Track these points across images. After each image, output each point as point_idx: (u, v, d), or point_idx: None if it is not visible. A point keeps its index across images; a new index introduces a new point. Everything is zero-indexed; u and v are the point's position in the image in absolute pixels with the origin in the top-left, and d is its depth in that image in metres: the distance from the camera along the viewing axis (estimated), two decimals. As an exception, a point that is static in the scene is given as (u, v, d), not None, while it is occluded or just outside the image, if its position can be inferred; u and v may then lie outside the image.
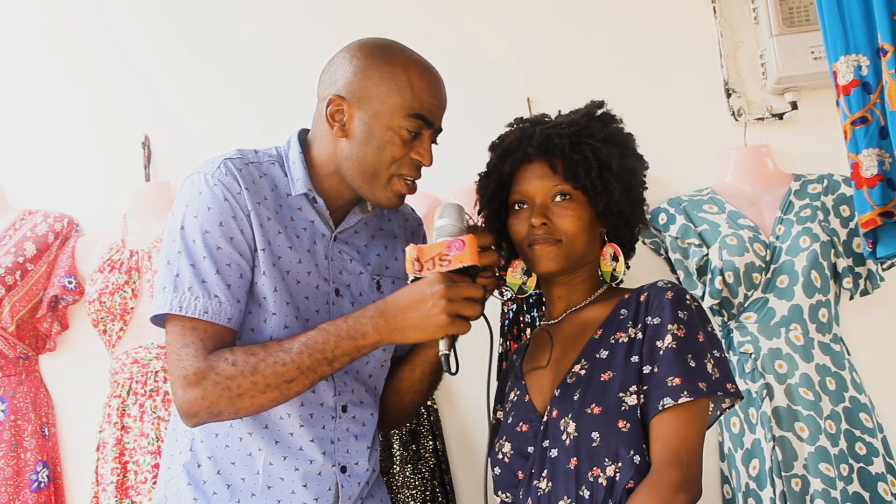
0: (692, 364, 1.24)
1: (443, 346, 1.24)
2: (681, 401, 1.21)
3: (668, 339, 1.26)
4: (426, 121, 1.30)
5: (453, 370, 1.24)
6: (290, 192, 1.34)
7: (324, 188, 1.36)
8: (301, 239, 1.33)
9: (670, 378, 1.23)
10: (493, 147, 1.49)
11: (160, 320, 1.29)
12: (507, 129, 1.50)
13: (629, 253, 1.47)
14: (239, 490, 1.29)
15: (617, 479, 1.22)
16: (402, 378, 1.46)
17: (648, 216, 1.51)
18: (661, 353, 1.26)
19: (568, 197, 1.37)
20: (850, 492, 1.90)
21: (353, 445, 1.35)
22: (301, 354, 1.21)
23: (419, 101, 1.29)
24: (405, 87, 1.28)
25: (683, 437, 1.21)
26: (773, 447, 1.91)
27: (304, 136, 1.40)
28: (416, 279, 1.25)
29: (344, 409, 1.34)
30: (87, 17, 2.47)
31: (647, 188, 1.46)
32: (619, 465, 1.22)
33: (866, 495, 1.90)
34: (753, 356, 2.01)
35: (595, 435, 1.24)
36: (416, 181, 1.35)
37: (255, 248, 1.28)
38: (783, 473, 1.89)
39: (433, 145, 1.36)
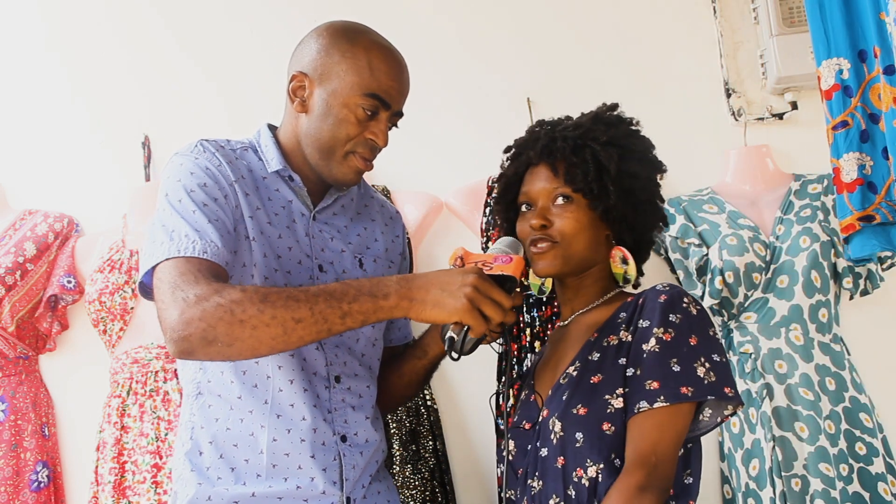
0: (676, 368, 1.23)
1: (451, 330, 1.22)
2: (656, 405, 1.20)
3: (652, 342, 1.25)
4: (383, 102, 1.32)
5: (455, 355, 1.22)
6: (265, 175, 1.37)
7: (295, 165, 1.38)
8: (280, 217, 1.35)
9: (649, 382, 1.22)
10: (506, 150, 1.52)
11: (149, 285, 1.24)
12: (525, 132, 1.52)
13: (642, 256, 1.45)
14: (243, 472, 1.28)
15: (599, 480, 1.22)
16: (391, 382, 1.48)
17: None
18: (644, 356, 1.25)
19: (568, 200, 1.38)
20: (850, 492, 1.89)
21: (352, 416, 1.35)
22: (317, 297, 1.16)
23: (377, 81, 1.31)
24: (364, 67, 1.31)
25: (654, 440, 1.20)
26: (773, 447, 1.91)
27: (273, 128, 1.44)
28: None
29: (337, 379, 1.35)
30: (87, 17, 2.47)
31: (655, 191, 1.44)
32: (601, 466, 1.22)
33: (866, 495, 1.90)
34: (753, 356, 2.01)
35: (579, 435, 1.24)
36: (373, 161, 1.37)
37: (242, 215, 1.29)
38: (783, 473, 1.89)
39: (394, 128, 1.38)
